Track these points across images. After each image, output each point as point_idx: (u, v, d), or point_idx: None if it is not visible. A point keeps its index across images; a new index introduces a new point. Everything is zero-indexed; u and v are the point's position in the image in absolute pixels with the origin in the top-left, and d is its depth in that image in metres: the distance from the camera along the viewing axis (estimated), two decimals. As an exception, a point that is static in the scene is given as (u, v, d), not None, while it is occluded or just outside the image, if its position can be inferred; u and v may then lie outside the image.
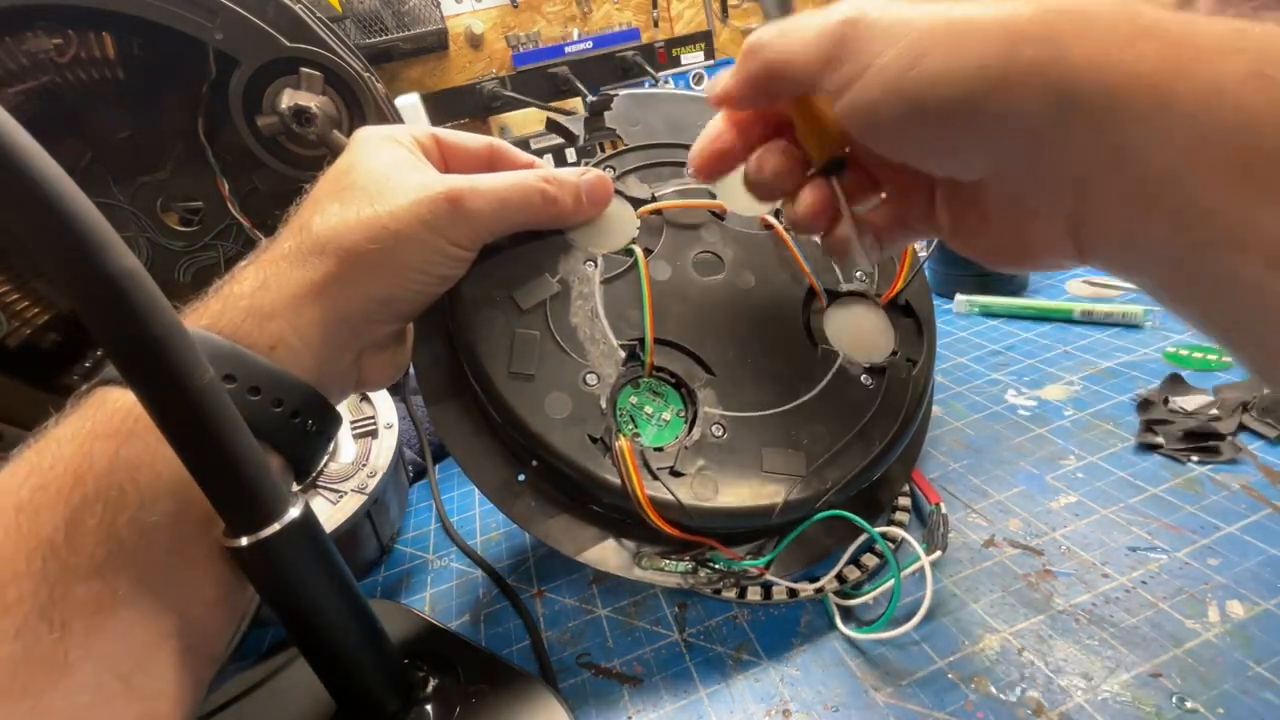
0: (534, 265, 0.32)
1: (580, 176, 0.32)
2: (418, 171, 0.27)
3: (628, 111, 0.37)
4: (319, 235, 0.25)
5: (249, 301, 0.24)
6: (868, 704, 0.27)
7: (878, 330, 0.35)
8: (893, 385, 0.33)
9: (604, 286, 0.32)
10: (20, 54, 0.41)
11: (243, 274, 0.25)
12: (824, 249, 0.28)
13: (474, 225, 0.28)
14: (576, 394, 0.30)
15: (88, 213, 0.15)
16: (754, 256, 0.35)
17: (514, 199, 0.29)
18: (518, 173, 0.30)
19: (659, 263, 0.34)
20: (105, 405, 0.21)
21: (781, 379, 0.32)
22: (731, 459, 0.30)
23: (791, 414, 0.32)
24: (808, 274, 0.35)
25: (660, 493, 0.29)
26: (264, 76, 0.43)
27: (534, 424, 0.29)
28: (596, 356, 0.31)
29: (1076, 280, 0.58)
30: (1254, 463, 0.35)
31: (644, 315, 0.32)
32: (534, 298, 0.31)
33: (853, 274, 0.36)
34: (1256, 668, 0.25)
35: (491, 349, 0.30)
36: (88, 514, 0.19)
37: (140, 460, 0.20)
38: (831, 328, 0.34)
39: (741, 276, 0.34)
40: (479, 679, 0.29)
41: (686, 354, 0.32)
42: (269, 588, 0.21)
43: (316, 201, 0.27)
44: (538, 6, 2.62)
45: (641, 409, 0.31)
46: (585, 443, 0.29)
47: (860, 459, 0.31)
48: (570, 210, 0.31)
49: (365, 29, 1.72)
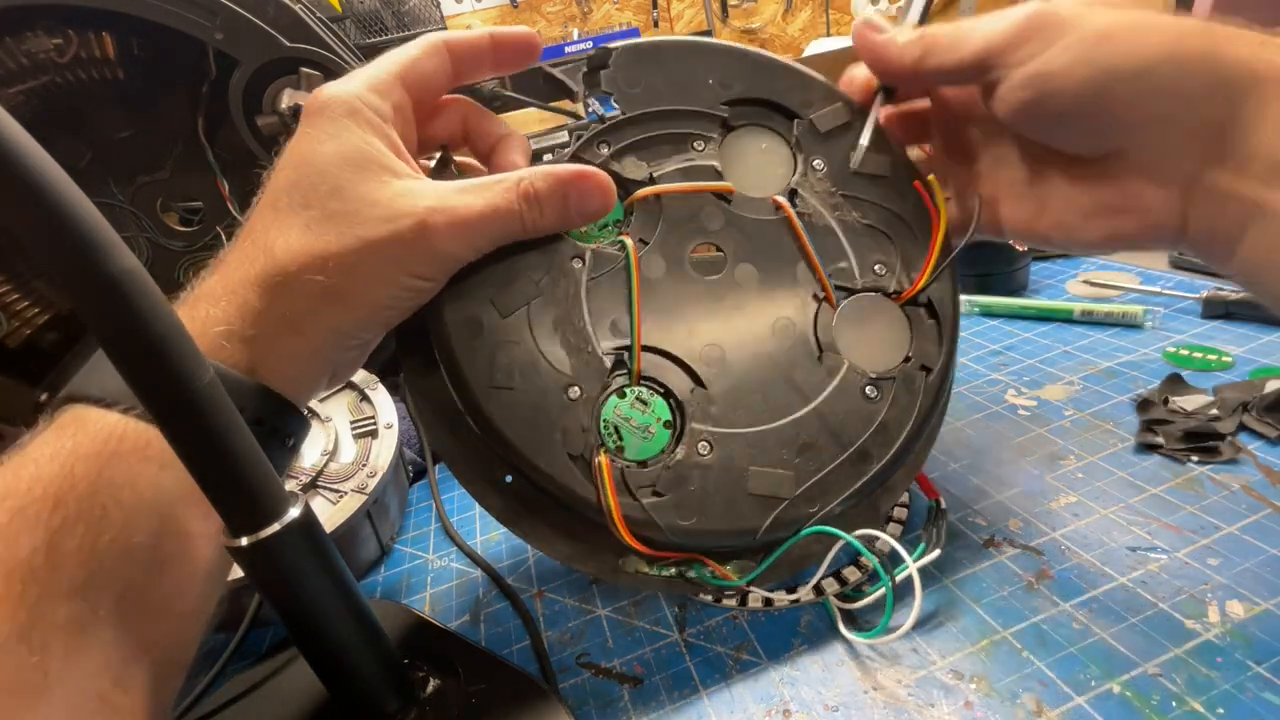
0: (516, 265, 0.29)
1: (570, 183, 0.27)
2: (381, 183, 0.25)
3: (627, 70, 0.32)
4: (283, 266, 0.24)
5: (227, 327, 0.23)
6: (867, 704, 0.27)
7: (892, 334, 0.32)
8: (900, 398, 0.30)
9: (592, 286, 0.30)
10: (20, 54, 0.41)
11: (210, 290, 0.24)
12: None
13: (443, 261, 0.26)
14: (558, 407, 0.28)
15: (88, 213, 0.15)
16: (760, 248, 0.31)
17: (487, 226, 0.26)
18: (494, 194, 0.26)
19: (653, 257, 0.30)
20: (86, 426, 0.21)
21: (777, 389, 0.30)
22: (716, 479, 0.28)
23: (784, 430, 0.29)
24: (818, 267, 0.31)
25: (638, 513, 0.28)
26: (264, 76, 0.43)
27: (513, 438, 0.28)
28: (579, 367, 0.29)
29: (1076, 280, 0.58)
30: (1254, 463, 0.35)
31: (632, 322, 0.29)
32: (516, 303, 0.29)
33: (870, 264, 0.32)
34: (1256, 668, 0.25)
35: (471, 359, 0.28)
36: (68, 536, 0.19)
37: (124, 481, 0.20)
38: (840, 331, 0.31)
39: (744, 272, 0.31)
40: (479, 679, 0.29)
41: (676, 362, 0.30)
42: (269, 587, 0.21)
43: (276, 210, 0.25)
44: (537, 6, 2.62)
45: (627, 420, 0.29)
46: (564, 461, 0.28)
47: (853, 480, 0.29)
48: (554, 225, 0.28)
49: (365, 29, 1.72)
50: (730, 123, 0.32)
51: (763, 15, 2.36)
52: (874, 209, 0.32)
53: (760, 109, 0.33)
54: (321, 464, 0.39)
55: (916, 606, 0.28)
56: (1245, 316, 0.47)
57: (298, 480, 0.39)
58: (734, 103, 0.32)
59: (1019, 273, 0.58)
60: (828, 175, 0.32)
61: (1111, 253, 0.58)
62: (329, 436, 0.41)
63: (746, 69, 0.33)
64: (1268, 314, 0.46)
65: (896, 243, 0.32)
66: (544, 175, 0.27)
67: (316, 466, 0.39)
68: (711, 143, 0.32)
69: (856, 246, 0.32)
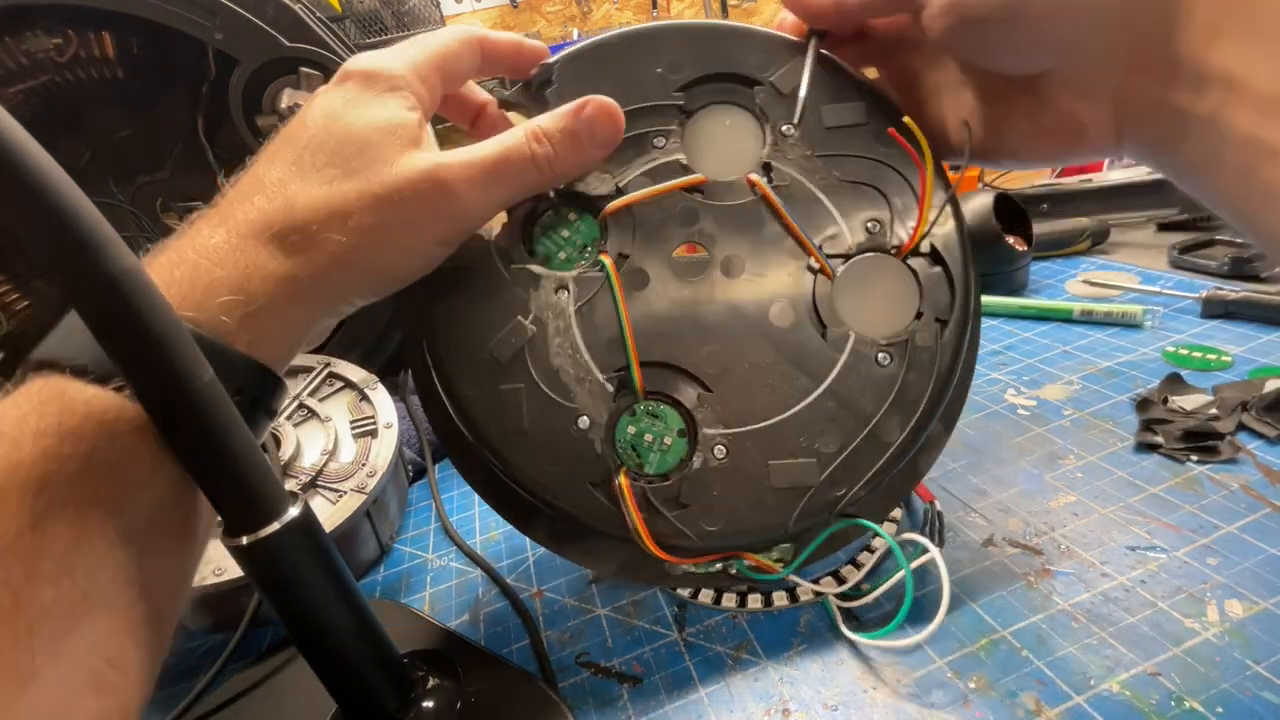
0: (504, 309, 0.29)
1: (575, 116, 0.27)
2: (408, 153, 0.25)
3: (573, 82, 0.30)
4: (303, 220, 0.23)
5: (229, 296, 0.22)
6: (867, 704, 0.27)
7: (898, 293, 0.30)
8: (916, 360, 0.29)
9: (582, 312, 0.29)
10: (20, 54, 0.41)
11: (208, 242, 0.23)
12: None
13: (463, 220, 0.26)
14: (572, 440, 0.28)
15: (88, 213, 0.15)
16: (744, 233, 0.30)
17: (502, 172, 0.26)
18: (504, 136, 0.27)
19: (636, 269, 0.30)
20: (66, 398, 0.20)
21: (786, 377, 0.29)
22: (737, 481, 0.28)
23: (800, 417, 0.28)
24: (804, 240, 0.30)
25: (666, 527, 0.28)
26: (264, 76, 0.43)
27: (536, 478, 0.28)
28: (584, 396, 0.29)
29: (1076, 280, 0.58)
30: (1253, 462, 0.35)
31: (625, 341, 0.29)
32: (511, 348, 0.29)
33: (862, 224, 0.30)
34: (1255, 667, 0.25)
35: (482, 412, 0.28)
36: (55, 519, 0.18)
37: (116, 461, 0.19)
38: (841, 301, 0.29)
39: (731, 263, 0.30)
40: (479, 679, 0.29)
41: (678, 371, 0.29)
42: (269, 587, 0.21)
43: (299, 164, 0.24)
44: (537, 6, 2.62)
45: (641, 437, 0.29)
46: (586, 489, 0.28)
47: (877, 455, 0.28)
48: (571, 164, 0.28)
49: (365, 29, 1.72)
50: (688, 108, 0.31)
51: (762, 15, 2.36)
52: (856, 163, 0.30)
53: (717, 84, 0.31)
54: (321, 464, 0.39)
55: (945, 602, 0.28)
56: (1245, 316, 0.47)
57: (297, 480, 0.39)
58: (688, 86, 0.31)
59: (1019, 273, 0.58)
60: (800, 139, 0.30)
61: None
62: (329, 436, 0.41)
63: (693, 46, 0.31)
64: (1267, 314, 0.46)
65: (887, 194, 0.30)
66: (548, 115, 0.27)
67: (316, 466, 0.39)
68: (672, 135, 0.30)
69: (844, 208, 0.30)
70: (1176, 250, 0.58)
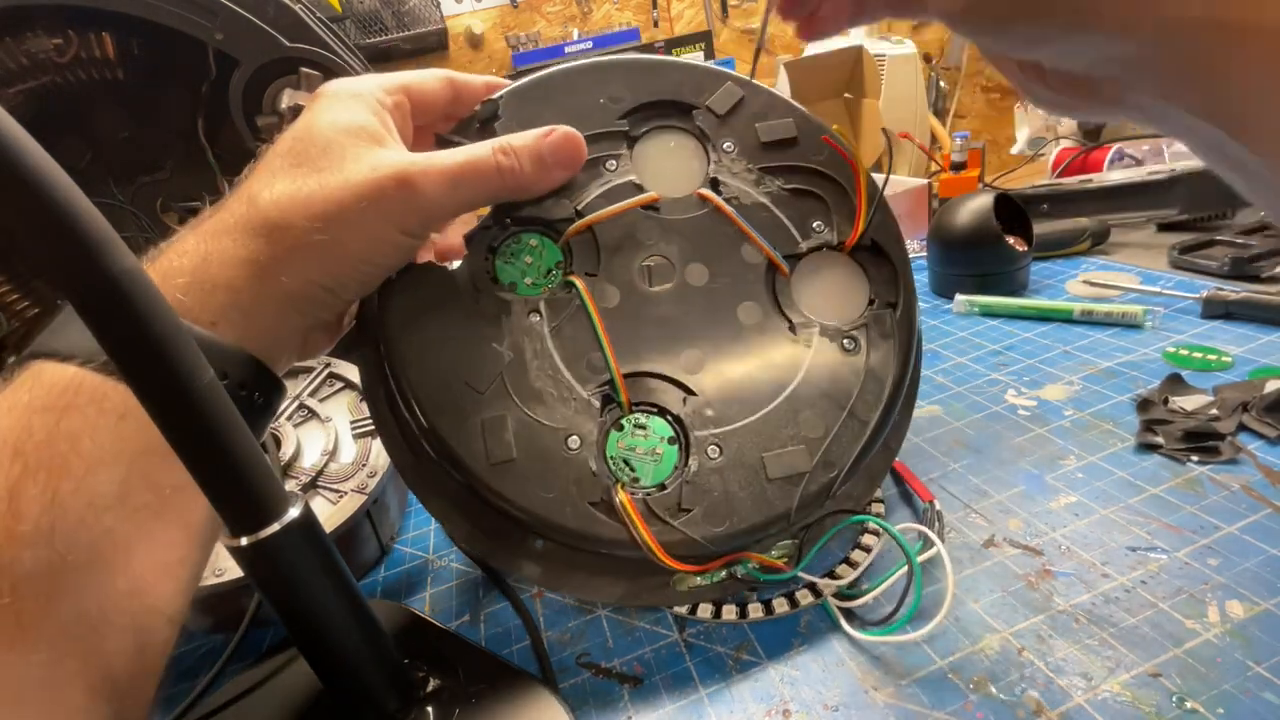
0: (478, 337, 0.29)
1: (542, 138, 0.29)
2: (371, 148, 0.26)
3: (520, 115, 0.32)
4: (265, 211, 0.24)
5: (190, 278, 0.23)
6: (867, 704, 0.27)
7: (849, 284, 0.33)
8: (877, 341, 0.31)
9: (556, 333, 0.30)
10: (20, 54, 0.41)
11: (180, 245, 0.24)
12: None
13: (425, 212, 0.27)
14: (563, 461, 0.28)
15: (88, 213, 0.15)
16: (702, 245, 0.32)
17: (466, 177, 0.27)
18: (472, 147, 0.28)
19: (604, 286, 0.31)
20: (42, 379, 0.21)
21: (763, 372, 0.30)
22: (735, 478, 0.29)
23: (782, 408, 0.30)
24: (759, 243, 0.32)
25: (674, 535, 0.28)
26: (264, 76, 0.43)
27: (530, 506, 0.28)
28: (570, 415, 0.29)
29: (1076, 280, 0.58)
30: (1254, 463, 0.35)
31: (604, 355, 0.29)
32: (489, 376, 0.29)
33: (808, 226, 0.33)
34: (1256, 668, 0.25)
35: (465, 445, 0.28)
36: (30, 483, 0.19)
37: (81, 431, 0.20)
38: (801, 295, 0.32)
39: (695, 272, 0.32)
40: (479, 679, 0.29)
41: (661, 379, 0.30)
42: (269, 587, 0.21)
43: (269, 169, 0.26)
44: (538, 6, 2.63)
45: (633, 449, 0.29)
46: (586, 510, 0.28)
47: (860, 434, 0.30)
48: (532, 179, 0.29)
49: (365, 29, 1.72)
50: (632, 134, 0.33)
51: (762, 15, 2.36)
52: (794, 173, 0.33)
53: (657, 111, 0.33)
54: (321, 464, 0.39)
55: (949, 599, 0.28)
56: (1245, 316, 0.47)
57: (298, 480, 0.39)
58: (630, 113, 0.33)
59: (1019, 273, 0.58)
60: (740, 154, 0.33)
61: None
62: (329, 436, 0.41)
63: (631, 78, 0.33)
64: (1268, 314, 0.46)
65: (826, 198, 0.33)
66: (516, 135, 0.29)
67: (316, 466, 0.39)
68: (622, 159, 0.33)
69: (790, 213, 0.33)
70: (1177, 250, 0.58)
